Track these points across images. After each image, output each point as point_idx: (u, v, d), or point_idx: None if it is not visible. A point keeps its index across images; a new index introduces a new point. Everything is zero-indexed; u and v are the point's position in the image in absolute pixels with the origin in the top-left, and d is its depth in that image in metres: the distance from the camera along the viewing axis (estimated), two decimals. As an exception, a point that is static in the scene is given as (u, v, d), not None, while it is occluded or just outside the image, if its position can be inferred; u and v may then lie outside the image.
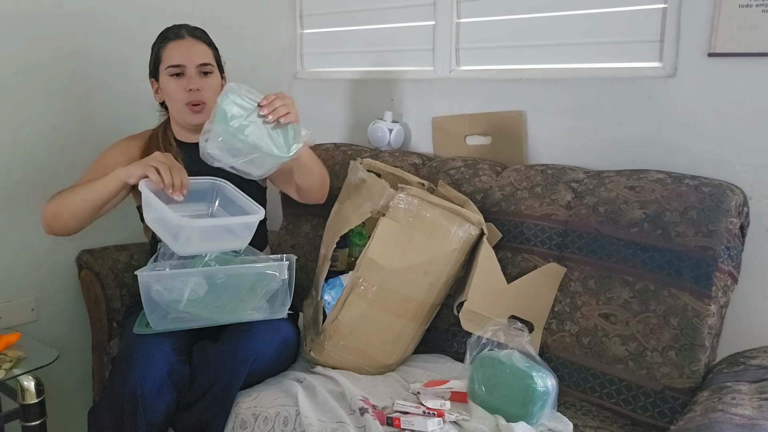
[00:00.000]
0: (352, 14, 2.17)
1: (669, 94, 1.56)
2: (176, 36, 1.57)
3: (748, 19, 1.41)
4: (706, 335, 1.31)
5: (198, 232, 1.31)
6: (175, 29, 1.59)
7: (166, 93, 1.58)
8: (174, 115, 1.61)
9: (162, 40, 1.58)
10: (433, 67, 1.99)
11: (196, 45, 1.57)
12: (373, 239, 1.44)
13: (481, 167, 1.73)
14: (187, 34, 1.57)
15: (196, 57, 1.55)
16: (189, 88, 1.53)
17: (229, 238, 1.37)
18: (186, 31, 1.58)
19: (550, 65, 1.76)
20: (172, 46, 1.55)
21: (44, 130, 1.79)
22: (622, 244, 1.41)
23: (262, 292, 1.42)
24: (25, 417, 1.46)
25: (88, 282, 1.82)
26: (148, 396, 1.28)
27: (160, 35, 1.60)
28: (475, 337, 1.38)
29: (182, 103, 1.55)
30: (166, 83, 1.56)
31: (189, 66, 1.54)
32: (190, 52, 1.55)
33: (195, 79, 1.54)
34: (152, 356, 1.32)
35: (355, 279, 1.45)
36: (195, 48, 1.56)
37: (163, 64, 1.55)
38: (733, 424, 1.03)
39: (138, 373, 1.28)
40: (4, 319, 1.74)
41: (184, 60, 1.54)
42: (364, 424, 1.21)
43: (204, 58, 1.57)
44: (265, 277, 1.41)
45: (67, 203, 1.43)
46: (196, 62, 1.55)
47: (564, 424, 1.27)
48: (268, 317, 1.43)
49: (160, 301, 1.33)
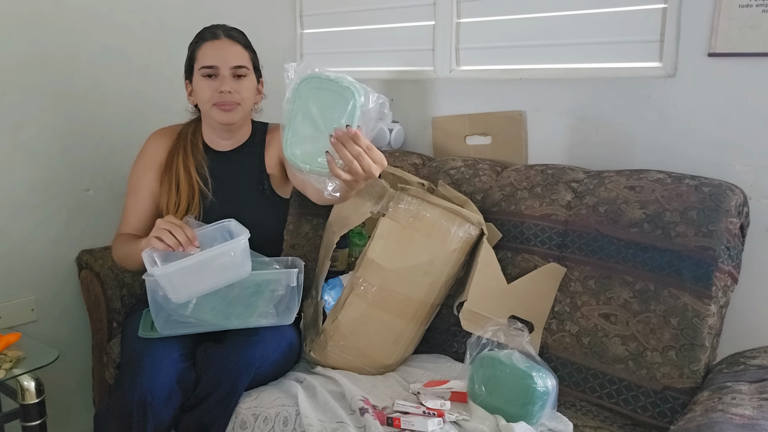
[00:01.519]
0: (352, 14, 2.17)
1: (669, 94, 1.56)
2: (212, 36, 1.53)
3: (748, 19, 1.41)
4: (706, 335, 1.31)
5: (177, 276, 1.27)
6: (212, 29, 1.55)
7: (197, 93, 1.55)
8: (204, 117, 1.59)
9: (198, 39, 1.55)
10: (433, 67, 1.99)
11: (232, 46, 1.53)
12: (373, 239, 1.44)
13: (481, 167, 1.73)
14: (223, 35, 1.53)
15: (231, 58, 1.51)
16: (220, 90, 1.50)
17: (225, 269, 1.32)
18: (222, 31, 1.54)
19: (550, 65, 1.76)
20: (207, 46, 1.52)
21: (44, 129, 1.79)
22: (622, 244, 1.41)
23: (270, 298, 1.41)
24: (25, 417, 1.46)
25: (88, 282, 1.82)
26: (157, 404, 1.29)
27: (197, 35, 1.56)
28: (475, 338, 1.38)
29: (210, 103, 1.52)
30: (198, 83, 1.53)
31: (222, 67, 1.50)
32: (224, 53, 1.51)
33: (228, 81, 1.50)
34: (162, 364, 1.31)
35: (355, 279, 1.45)
36: (230, 49, 1.52)
37: (197, 64, 1.52)
38: (733, 424, 1.03)
39: (147, 382, 1.28)
40: (4, 319, 1.74)
41: (217, 61, 1.50)
42: (364, 424, 1.21)
43: (239, 60, 1.52)
44: (272, 284, 1.40)
45: (123, 258, 1.55)
46: (230, 64, 1.51)
47: (564, 424, 1.27)
48: (275, 323, 1.42)
49: (166, 306, 1.33)
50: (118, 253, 1.57)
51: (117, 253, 1.58)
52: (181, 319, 1.35)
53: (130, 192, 1.62)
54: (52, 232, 1.84)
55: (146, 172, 1.59)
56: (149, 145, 1.63)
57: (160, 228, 1.34)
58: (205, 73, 1.51)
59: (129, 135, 1.88)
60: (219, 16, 1.70)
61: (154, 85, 1.96)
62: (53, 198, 1.83)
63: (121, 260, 1.57)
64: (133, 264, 1.49)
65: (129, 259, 1.51)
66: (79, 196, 1.89)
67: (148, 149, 1.62)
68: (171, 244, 1.31)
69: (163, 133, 1.64)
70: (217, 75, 1.51)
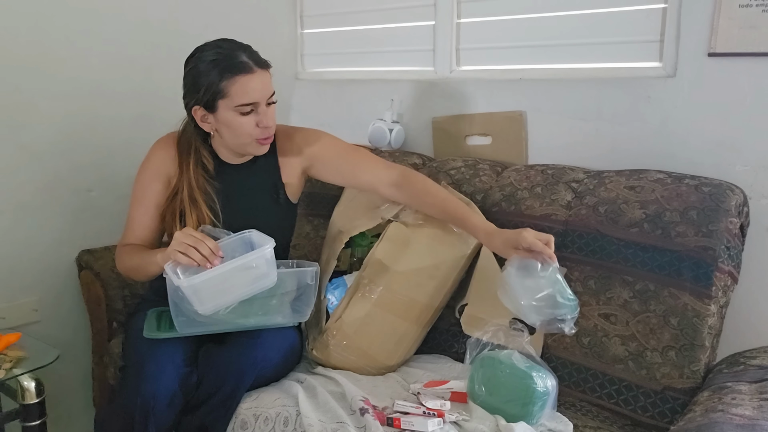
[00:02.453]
0: (352, 14, 2.17)
1: (669, 94, 1.56)
2: (245, 69, 1.37)
3: (748, 19, 1.41)
4: (706, 335, 1.31)
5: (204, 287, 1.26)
6: (241, 59, 1.38)
7: (230, 128, 1.42)
8: (232, 146, 1.49)
9: (224, 71, 1.37)
10: (433, 67, 1.99)
11: (266, 77, 1.41)
12: (381, 240, 1.44)
13: (481, 167, 1.73)
14: (256, 66, 1.39)
15: (267, 90, 1.41)
16: (265, 125, 1.41)
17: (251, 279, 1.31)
18: (253, 62, 1.39)
19: (550, 65, 1.76)
20: (244, 81, 1.37)
21: (47, 131, 1.79)
22: (622, 244, 1.41)
23: (287, 296, 1.39)
24: (25, 417, 1.46)
25: (88, 282, 1.82)
26: (160, 408, 1.29)
27: (221, 66, 1.37)
28: (474, 339, 1.38)
29: (253, 138, 1.43)
30: (233, 119, 1.40)
31: (262, 102, 1.40)
32: (263, 87, 1.40)
33: (269, 114, 1.42)
34: (165, 369, 1.31)
35: (361, 279, 1.46)
36: (266, 81, 1.41)
37: (231, 101, 1.38)
38: (733, 425, 1.03)
39: (150, 387, 1.28)
40: (7, 320, 1.75)
41: (258, 97, 1.39)
42: (364, 424, 1.21)
43: (271, 88, 1.42)
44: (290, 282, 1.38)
45: (133, 270, 1.49)
46: (267, 96, 1.41)
47: (564, 424, 1.27)
48: (292, 321, 1.43)
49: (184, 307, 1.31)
50: (126, 264, 1.50)
51: (125, 264, 1.50)
52: (199, 319, 1.33)
53: (134, 202, 1.54)
54: (55, 233, 1.84)
55: (152, 184, 1.52)
56: (154, 155, 1.54)
57: (183, 243, 1.28)
58: (245, 111, 1.39)
59: (132, 136, 1.89)
60: (219, 18, 1.69)
61: (157, 86, 1.96)
62: (56, 199, 1.84)
63: (128, 271, 1.51)
64: (143, 276, 1.46)
65: (140, 271, 1.46)
66: (82, 197, 1.89)
67: (153, 160, 1.53)
68: (197, 260, 1.26)
69: (167, 142, 1.54)
70: (255, 110, 1.40)
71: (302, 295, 1.40)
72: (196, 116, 1.44)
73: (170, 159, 1.52)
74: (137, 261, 1.46)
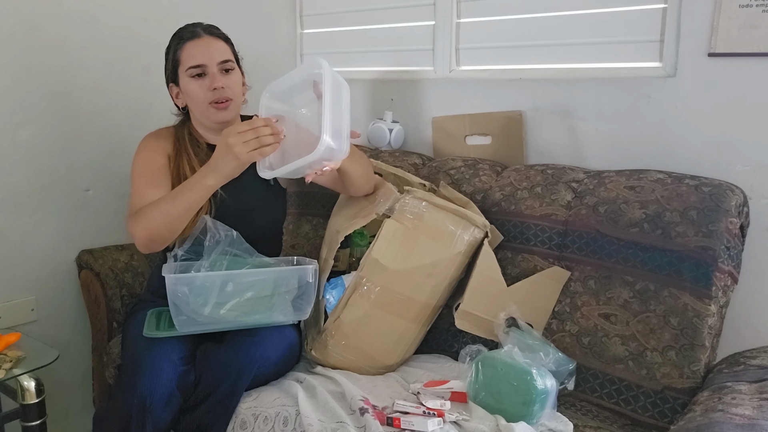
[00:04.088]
0: (352, 14, 2.17)
1: (669, 94, 1.56)
2: (193, 35, 1.52)
3: (748, 19, 1.41)
4: (706, 335, 1.31)
5: (332, 132, 1.23)
6: (190, 28, 1.53)
7: (188, 95, 1.52)
8: (198, 117, 1.56)
9: (178, 41, 1.53)
10: (433, 67, 1.99)
11: (215, 42, 1.52)
12: (378, 239, 1.44)
13: (481, 167, 1.73)
14: (204, 33, 1.52)
15: (217, 54, 1.50)
16: (213, 87, 1.49)
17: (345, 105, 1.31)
18: (202, 29, 1.53)
19: (550, 65, 1.76)
20: (191, 46, 1.50)
21: (44, 129, 1.79)
22: (622, 244, 1.41)
23: (287, 295, 1.41)
24: (25, 417, 1.46)
25: (88, 282, 1.82)
26: (157, 407, 1.29)
27: (175, 37, 1.54)
28: (468, 347, 1.39)
29: (206, 102, 1.50)
30: (187, 85, 1.51)
31: (210, 65, 1.49)
32: (209, 50, 1.50)
33: (218, 78, 1.49)
34: (162, 368, 1.31)
35: (359, 278, 1.45)
36: (214, 46, 1.52)
37: (183, 66, 1.51)
38: (733, 424, 1.03)
39: (147, 385, 1.28)
40: (4, 319, 1.74)
41: (204, 59, 1.49)
42: (364, 424, 1.21)
43: (224, 54, 1.52)
44: (290, 280, 1.40)
45: (160, 222, 1.38)
46: (216, 60, 1.50)
47: (564, 424, 1.27)
48: (292, 319, 1.44)
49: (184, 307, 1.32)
50: (154, 218, 1.37)
51: (152, 220, 1.37)
52: (199, 318, 1.34)
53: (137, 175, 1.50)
54: (52, 232, 1.84)
55: (153, 157, 1.52)
56: (148, 142, 1.56)
57: (246, 142, 1.28)
58: (194, 73, 1.49)
59: (129, 135, 1.87)
60: (219, 17, 1.69)
61: (154, 85, 1.94)
62: (53, 198, 1.84)
63: (157, 226, 1.38)
64: (182, 213, 1.37)
65: (177, 207, 1.36)
66: (79, 196, 1.89)
67: (148, 144, 1.56)
68: (273, 142, 1.29)
69: (158, 134, 1.59)
70: (206, 73, 1.49)
71: (303, 293, 1.41)
72: (172, 94, 1.58)
73: (165, 142, 1.57)
74: (169, 203, 1.37)
